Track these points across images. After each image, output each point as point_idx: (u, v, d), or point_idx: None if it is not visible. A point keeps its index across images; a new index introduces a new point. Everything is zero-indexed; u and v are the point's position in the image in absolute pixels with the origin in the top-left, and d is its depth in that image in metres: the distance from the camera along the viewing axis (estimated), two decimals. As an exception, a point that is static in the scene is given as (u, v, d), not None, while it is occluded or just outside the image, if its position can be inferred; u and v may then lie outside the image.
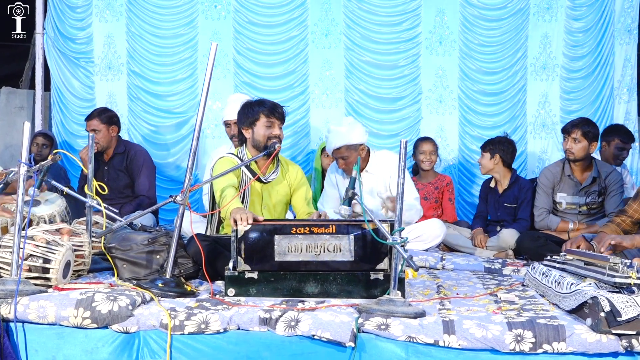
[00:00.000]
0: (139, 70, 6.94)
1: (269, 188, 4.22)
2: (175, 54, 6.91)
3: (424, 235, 4.97)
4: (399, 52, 6.73)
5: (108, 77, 7.00)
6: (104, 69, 6.98)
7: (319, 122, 6.81)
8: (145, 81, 6.95)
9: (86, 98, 7.01)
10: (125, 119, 6.97)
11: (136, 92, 6.96)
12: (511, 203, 5.40)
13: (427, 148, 5.84)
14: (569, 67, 6.66)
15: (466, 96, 6.70)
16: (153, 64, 6.93)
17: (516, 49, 6.66)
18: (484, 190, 5.65)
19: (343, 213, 3.45)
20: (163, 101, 6.95)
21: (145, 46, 6.91)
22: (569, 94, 6.66)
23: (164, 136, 6.97)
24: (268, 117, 4.04)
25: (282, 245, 3.39)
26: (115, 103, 6.96)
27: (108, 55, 6.97)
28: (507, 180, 5.44)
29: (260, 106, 4.08)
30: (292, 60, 6.81)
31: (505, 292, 3.60)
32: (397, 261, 3.11)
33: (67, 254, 3.47)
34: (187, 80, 6.91)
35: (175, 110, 6.94)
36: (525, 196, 5.34)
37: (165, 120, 6.95)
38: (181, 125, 6.94)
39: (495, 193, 5.50)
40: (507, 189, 5.42)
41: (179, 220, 3.47)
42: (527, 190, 5.37)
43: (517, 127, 6.67)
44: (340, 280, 3.36)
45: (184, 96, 6.92)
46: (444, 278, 4.15)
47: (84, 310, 3.01)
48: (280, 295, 3.36)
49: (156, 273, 3.70)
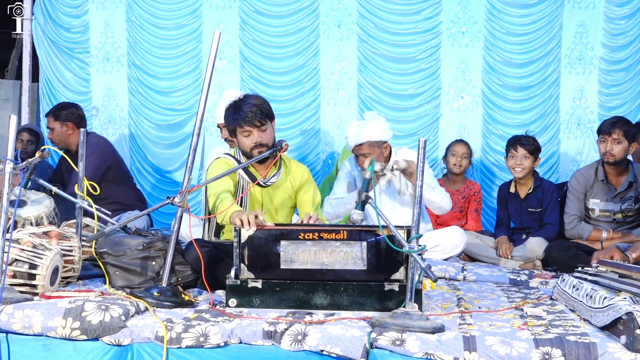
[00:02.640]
0: (139, 63, 6.95)
1: (270, 191, 4.18)
2: (178, 46, 6.92)
3: (443, 244, 4.95)
4: (417, 44, 6.69)
5: (106, 69, 7.01)
6: (101, 60, 6.99)
7: (330, 120, 6.79)
8: (147, 75, 6.96)
9: (81, 91, 7.02)
10: (126, 113, 6.99)
11: (137, 85, 6.96)
12: (535, 207, 5.38)
13: (459, 150, 5.83)
14: (609, 59, 6.55)
15: (491, 91, 6.65)
16: (154, 56, 6.94)
17: (548, 38, 6.58)
18: (502, 195, 5.61)
19: (355, 218, 3.43)
20: (165, 97, 6.97)
21: (145, 37, 6.92)
22: (608, 89, 6.56)
23: (166, 134, 6.97)
24: (242, 128, 3.98)
25: (289, 251, 3.38)
26: (114, 96, 6.98)
27: (106, 45, 6.98)
28: (531, 183, 5.40)
29: (233, 115, 4.00)
30: (301, 54, 6.79)
31: (532, 306, 3.57)
32: (414, 271, 3.10)
33: (55, 259, 3.46)
34: (190, 75, 6.92)
35: (178, 107, 6.95)
36: (550, 198, 5.32)
37: (167, 117, 6.97)
38: (184, 123, 6.94)
39: (516, 198, 5.46)
40: (531, 193, 5.39)
41: (176, 223, 3.46)
42: (552, 192, 5.35)
43: (548, 126, 6.60)
44: (352, 291, 3.34)
45: (187, 92, 6.94)
46: (465, 290, 4.13)
47: (72, 321, 3.01)
48: (286, 306, 3.34)
49: (151, 281, 3.68)
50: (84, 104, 6.91)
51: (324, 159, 6.78)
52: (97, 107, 7.02)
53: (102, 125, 7.03)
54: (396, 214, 4.93)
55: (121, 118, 7.03)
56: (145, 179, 6.99)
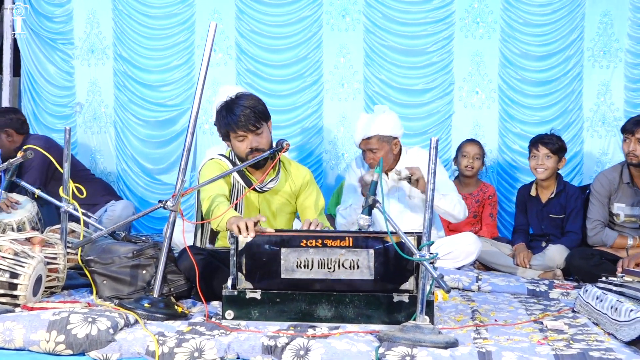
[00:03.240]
0: (127, 56, 6.97)
1: (267, 196, 4.19)
2: (169, 36, 6.94)
3: (456, 251, 4.94)
4: (429, 35, 6.70)
5: (90, 62, 7.04)
6: (86, 52, 7.02)
7: (333, 117, 6.80)
8: (134, 68, 6.98)
9: (64, 86, 7.05)
10: (111, 110, 7.00)
11: (124, 80, 6.98)
12: (558, 214, 5.36)
13: (470, 150, 5.84)
14: (636, 51, 6.55)
15: (508, 86, 6.66)
16: (143, 48, 6.96)
17: (570, 29, 6.58)
18: (521, 199, 5.60)
19: (362, 223, 3.43)
20: (155, 92, 6.99)
21: (133, 27, 6.94)
22: (635, 84, 6.56)
23: (155, 132, 6.99)
24: (235, 133, 3.99)
25: (290, 260, 3.39)
26: (99, 92, 7.00)
27: (91, 36, 7.01)
28: (553, 187, 5.40)
29: (225, 119, 3.99)
30: (303, 45, 6.81)
31: (552, 319, 3.58)
32: (425, 281, 3.10)
33: (38, 268, 3.47)
34: (182, 68, 6.94)
35: (169, 103, 6.97)
36: (574, 205, 5.31)
37: (156, 113, 6.98)
38: (175, 119, 6.96)
39: (537, 202, 5.46)
40: (553, 197, 5.38)
41: (169, 229, 3.47)
42: (576, 197, 5.34)
43: (570, 123, 6.60)
44: (358, 302, 3.35)
45: (178, 86, 6.96)
46: (480, 301, 4.14)
47: (57, 334, 3.01)
48: (288, 319, 3.35)
49: (142, 291, 3.69)
50: (68, 100, 6.95)
51: (327, 160, 6.78)
52: (81, 102, 7.05)
53: (86, 123, 7.06)
54: (405, 219, 4.93)
55: (106, 115, 7.05)
56: (132, 181, 7.01)
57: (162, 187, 6.97)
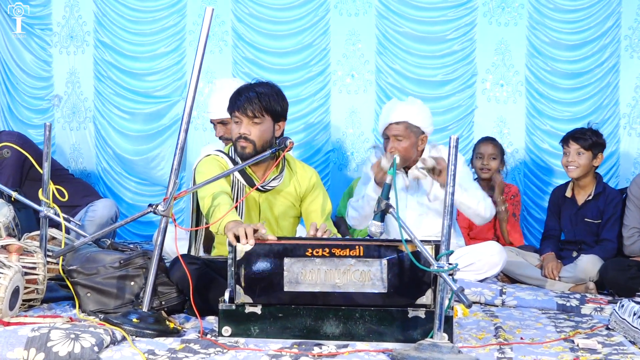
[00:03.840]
0: (109, 42, 7.02)
1: (270, 197, 4.20)
2: (157, 20, 6.99)
3: (479, 262, 4.96)
4: (448, 21, 6.73)
5: (70, 50, 7.09)
6: (65, 38, 7.07)
7: (341, 112, 6.83)
8: (118, 55, 7.03)
9: (41, 76, 7.11)
10: (91, 103, 7.04)
11: (105, 69, 7.02)
12: (594, 218, 5.35)
13: (485, 150, 5.86)
14: (679, 40, 6.58)
15: (536, 78, 6.67)
16: (128, 32, 7.01)
17: (605, 15, 6.59)
18: (555, 200, 5.58)
19: (374, 230, 3.45)
20: (140, 81, 7.05)
21: (117, 9, 7.00)
22: (679, 75, 6.61)
23: (141, 126, 7.04)
24: (234, 112, 4.02)
25: (294, 271, 3.40)
26: (77, 82, 7.04)
27: (70, 21, 7.06)
28: (591, 188, 5.39)
29: (233, 98, 4.04)
30: (308, 31, 6.84)
31: (584, 337, 3.58)
32: (444, 294, 3.11)
33: (15, 279, 3.49)
34: (171, 55, 6.99)
35: (156, 94, 7.01)
36: (614, 211, 5.29)
37: (142, 105, 7.03)
38: (163, 112, 7.00)
39: (572, 204, 5.45)
40: (591, 200, 5.37)
41: (160, 236, 3.48)
42: (616, 203, 5.31)
43: (605, 120, 6.60)
44: (369, 318, 3.36)
45: (167, 75, 7.01)
46: (505, 318, 4.14)
47: (36, 352, 3.02)
48: (291, 336, 3.36)
49: (130, 305, 3.71)
50: (46, 92, 6.99)
51: (335, 160, 6.79)
52: (60, 95, 7.09)
53: (65, 117, 7.12)
54: (424, 224, 4.92)
55: (86, 108, 7.10)
56: (115, 182, 7.06)
57: (150, 189, 7.01)
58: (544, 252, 5.38)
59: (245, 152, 3.99)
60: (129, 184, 7.06)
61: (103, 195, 6.83)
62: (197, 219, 4.25)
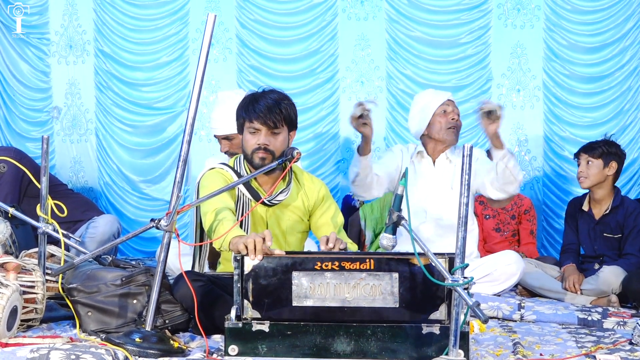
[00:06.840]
0: (109, 51, 7.05)
1: (277, 211, 4.18)
2: (158, 28, 7.02)
3: (495, 272, 4.95)
4: (461, 24, 6.75)
5: (69, 60, 7.12)
6: (64, 48, 7.10)
7: (350, 120, 6.82)
8: (119, 65, 7.06)
9: (39, 87, 7.14)
10: (92, 114, 7.07)
11: (106, 79, 7.05)
12: (613, 233, 5.33)
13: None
14: None
15: (554, 83, 6.68)
16: (129, 42, 7.03)
17: (625, 16, 6.60)
18: (572, 213, 5.55)
19: (385, 244, 3.44)
20: (141, 92, 7.06)
21: (118, 18, 7.02)
22: (702, 79, 6.60)
23: (143, 139, 7.06)
24: (251, 122, 4.00)
25: (303, 285, 3.40)
26: (78, 94, 7.06)
27: (69, 30, 7.09)
28: (609, 201, 5.38)
29: (247, 106, 4.02)
30: (315, 37, 6.87)
31: (606, 353, 3.58)
32: (459, 309, 3.11)
33: (13, 298, 3.49)
34: (174, 65, 7.01)
35: (158, 105, 7.03)
36: (635, 224, 5.26)
37: (145, 118, 7.05)
38: (166, 124, 7.02)
39: (589, 219, 5.42)
40: (608, 214, 5.36)
41: (163, 252, 3.49)
42: (636, 215, 5.29)
43: (626, 126, 6.61)
44: (382, 334, 3.36)
45: (169, 85, 7.03)
46: (523, 333, 4.14)
47: (36, 374, 3.03)
48: (300, 354, 3.37)
49: (132, 324, 3.71)
50: (44, 103, 7.02)
51: (344, 171, 6.77)
52: (59, 107, 7.12)
53: (65, 130, 7.14)
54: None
55: (87, 120, 7.13)
56: (117, 197, 7.08)
57: (153, 204, 7.02)
58: (565, 263, 5.36)
59: (265, 164, 3.98)
60: (131, 198, 7.08)
61: (105, 210, 6.85)
62: (201, 234, 4.24)
